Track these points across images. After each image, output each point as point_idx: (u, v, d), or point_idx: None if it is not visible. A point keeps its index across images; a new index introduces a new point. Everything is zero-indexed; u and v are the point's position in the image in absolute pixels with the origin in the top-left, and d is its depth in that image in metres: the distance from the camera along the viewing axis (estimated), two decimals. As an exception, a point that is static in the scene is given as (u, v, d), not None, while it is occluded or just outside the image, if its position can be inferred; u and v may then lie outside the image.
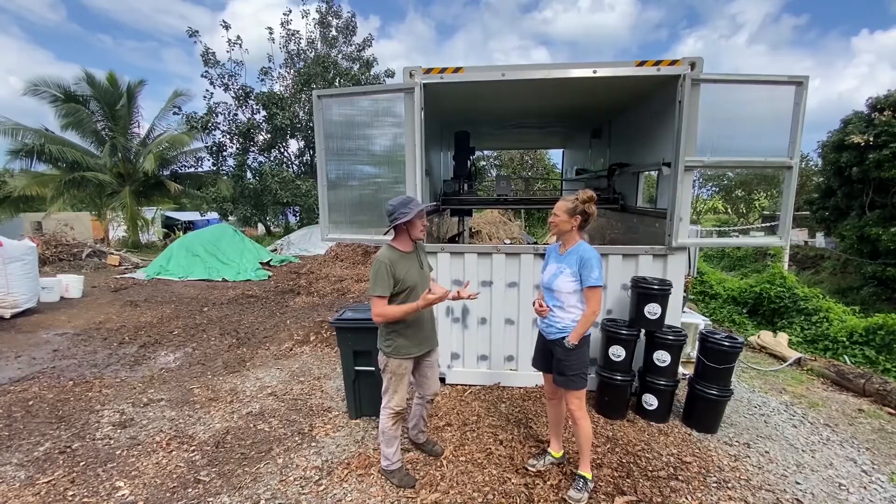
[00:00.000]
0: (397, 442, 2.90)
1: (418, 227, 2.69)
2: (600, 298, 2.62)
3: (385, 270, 2.54)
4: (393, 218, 2.61)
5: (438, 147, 6.52)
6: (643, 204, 5.37)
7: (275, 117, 18.75)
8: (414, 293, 2.63)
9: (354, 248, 12.74)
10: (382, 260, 2.58)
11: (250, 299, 8.76)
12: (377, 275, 2.55)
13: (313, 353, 5.48)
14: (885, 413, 4.16)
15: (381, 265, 2.56)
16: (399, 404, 2.78)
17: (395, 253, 2.65)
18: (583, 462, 2.78)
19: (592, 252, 2.63)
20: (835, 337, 5.73)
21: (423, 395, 3.05)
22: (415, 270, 2.69)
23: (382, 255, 2.62)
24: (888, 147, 12.93)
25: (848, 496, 2.88)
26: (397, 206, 2.61)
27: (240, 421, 3.79)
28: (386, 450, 2.87)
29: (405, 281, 2.61)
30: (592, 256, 2.59)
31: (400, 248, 2.69)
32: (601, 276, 2.57)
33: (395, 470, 2.89)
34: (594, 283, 2.55)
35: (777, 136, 3.85)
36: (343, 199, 4.29)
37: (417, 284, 2.66)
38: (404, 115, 3.90)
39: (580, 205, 2.68)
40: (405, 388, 2.80)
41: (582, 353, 2.69)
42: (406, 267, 2.64)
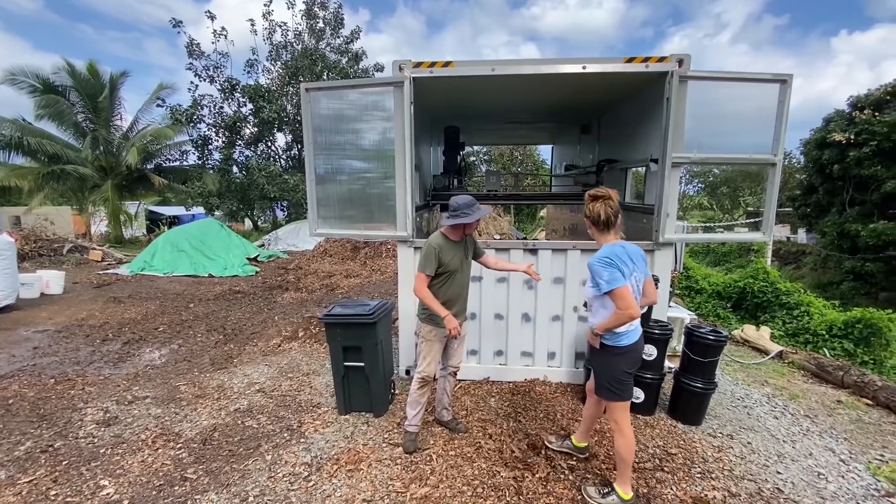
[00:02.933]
0: (420, 408, 3.22)
1: (472, 227, 3.06)
2: (623, 296, 2.33)
3: (433, 254, 2.93)
4: (455, 215, 2.95)
5: (428, 142, 6.49)
6: (631, 200, 5.42)
7: (261, 110, 18.48)
8: (453, 276, 3.05)
9: (343, 244, 12.66)
10: (433, 244, 2.97)
11: (237, 295, 8.66)
12: (427, 256, 2.94)
13: (302, 349, 5.44)
14: (862, 404, 4.28)
15: (431, 249, 2.94)
16: (426, 370, 3.14)
17: (445, 240, 3.03)
18: (619, 477, 2.62)
19: (596, 259, 2.44)
20: (815, 330, 5.87)
21: (447, 364, 3.33)
22: (458, 258, 3.07)
23: (434, 239, 3.02)
24: (868, 145, 13.23)
25: (826, 485, 2.96)
26: (462, 205, 2.95)
27: (227, 418, 3.76)
28: (409, 410, 3.24)
29: (448, 265, 2.98)
30: (593, 263, 2.44)
31: (451, 237, 3.06)
32: (612, 277, 2.35)
33: (409, 432, 3.23)
34: (607, 288, 2.36)
35: (761, 134, 3.91)
36: (332, 194, 4.25)
37: (458, 270, 3.06)
38: (394, 110, 3.88)
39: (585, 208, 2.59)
40: (435, 356, 3.14)
41: (612, 364, 2.53)
42: (451, 254, 3.01)
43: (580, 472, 2.92)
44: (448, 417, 3.50)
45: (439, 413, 3.52)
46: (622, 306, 2.34)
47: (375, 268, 11.12)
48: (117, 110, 19.28)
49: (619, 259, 2.41)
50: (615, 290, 2.34)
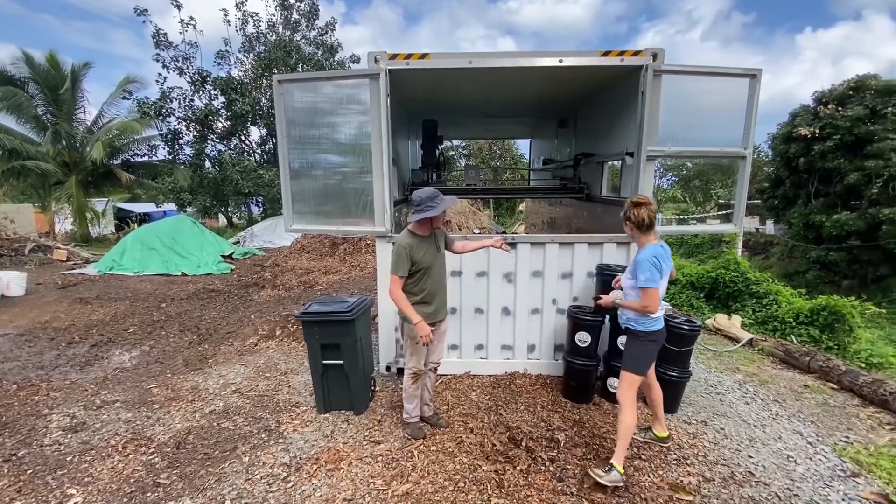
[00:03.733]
0: (417, 400, 3.32)
1: (440, 219, 3.05)
2: (652, 296, 2.72)
3: (405, 254, 2.92)
4: (420, 209, 2.92)
5: (406, 135, 6.42)
6: (608, 193, 5.49)
7: (234, 103, 17.98)
8: (429, 273, 3.04)
9: (321, 240, 12.47)
10: (402, 244, 2.95)
11: (212, 294, 8.43)
12: (398, 257, 2.93)
13: (279, 348, 5.34)
14: (828, 388, 4.46)
15: (402, 249, 2.93)
16: (416, 366, 3.21)
17: (414, 238, 3.01)
18: (617, 453, 2.78)
19: (645, 255, 2.76)
20: (783, 318, 6.08)
21: (427, 361, 3.32)
22: (431, 253, 3.06)
23: (403, 240, 2.99)
24: (832, 139, 13.74)
25: (795, 467, 3.07)
26: (425, 199, 2.91)
27: (202, 420, 3.65)
28: (407, 405, 3.32)
29: (421, 262, 2.98)
30: (643, 259, 2.74)
31: (419, 233, 3.03)
32: (652, 277, 2.70)
33: (412, 423, 3.33)
34: (643, 284, 2.73)
35: (732, 127, 4.01)
36: (307, 189, 4.16)
37: (432, 265, 3.06)
38: (370, 102, 3.81)
39: (625, 212, 2.88)
40: (421, 351, 3.17)
41: (641, 346, 2.87)
42: (423, 250, 3.00)
43: (560, 463, 2.95)
44: (430, 413, 3.51)
45: (420, 409, 3.50)
46: (647, 303, 2.75)
47: (355, 264, 11.01)
48: (80, 103, 18.47)
49: (662, 259, 2.76)
50: (648, 289, 2.72)
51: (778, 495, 2.77)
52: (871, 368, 5.00)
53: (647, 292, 2.72)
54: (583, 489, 2.70)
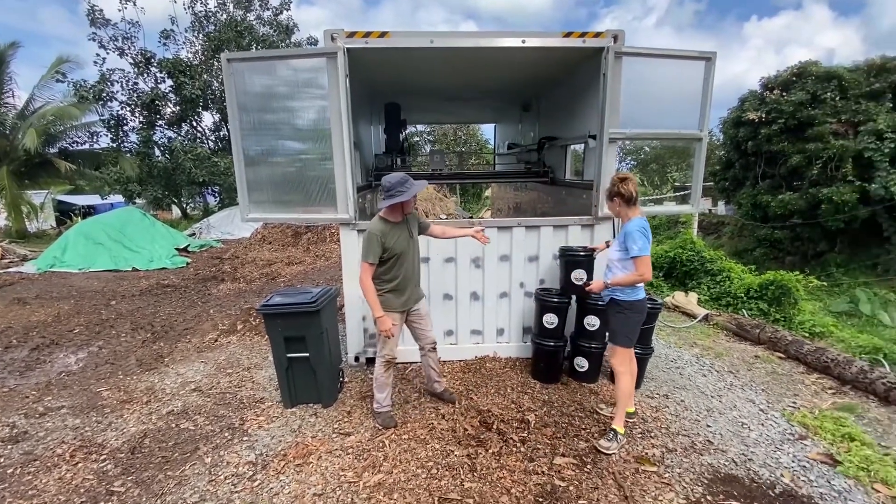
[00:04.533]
0: (388, 389, 3.26)
1: (411, 204, 3.00)
2: (646, 264, 2.85)
3: (375, 240, 2.87)
4: (390, 195, 2.87)
5: (368, 120, 6.24)
6: (571, 177, 5.54)
7: (183, 87, 16.94)
8: (401, 259, 3.01)
9: (283, 230, 12.06)
10: (374, 231, 2.89)
11: (167, 289, 8.01)
12: (369, 244, 2.87)
13: (241, 343, 5.14)
14: (775, 357, 4.74)
15: (372, 236, 2.88)
16: (389, 353, 3.16)
17: (385, 224, 2.95)
18: (616, 417, 3.06)
19: (635, 226, 2.87)
20: (735, 293, 6.40)
21: (422, 345, 3.37)
22: (403, 239, 3.02)
23: (374, 226, 2.93)
24: (777, 123, 14.45)
25: (749, 433, 3.24)
26: (395, 183, 2.87)
27: (159, 422, 3.46)
28: (377, 394, 3.24)
29: (393, 249, 2.94)
30: (633, 230, 2.85)
31: (390, 219, 2.98)
32: (644, 246, 2.82)
33: (383, 413, 3.26)
34: (636, 253, 2.83)
35: (689, 110, 4.11)
36: (265, 176, 3.95)
37: (405, 251, 3.02)
38: (328, 83, 3.63)
39: (613, 188, 2.97)
40: (395, 339, 3.15)
41: (626, 318, 3.02)
42: (395, 236, 2.96)
43: (531, 443, 2.98)
44: (440, 389, 3.57)
45: (431, 387, 3.60)
46: (643, 270, 2.85)
47: (319, 253, 10.73)
48: (8, 86, 16.93)
49: (649, 231, 2.91)
50: (642, 257, 2.83)
51: (734, 461, 2.92)
52: (814, 337, 5.35)
53: (641, 260, 2.83)
54: (553, 467, 2.75)
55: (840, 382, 4.13)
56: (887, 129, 12.25)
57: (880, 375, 3.89)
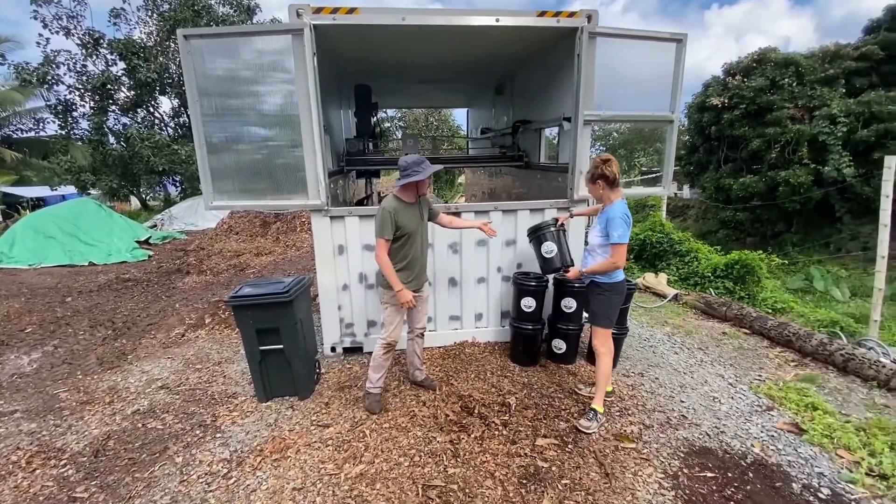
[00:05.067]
0: (384, 371, 3.26)
1: (425, 185, 3.03)
2: (622, 252, 2.88)
3: (389, 217, 2.88)
4: (406, 174, 2.90)
5: (337, 103, 6.03)
6: (546, 160, 5.54)
7: (137, 70, 15.96)
8: (411, 240, 3.03)
9: (251, 219, 11.65)
10: (388, 208, 2.91)
11: (127, 283, 7.61)
12: (383, 220, 2.89)
13: (211, 337, 4.94)
14: (741, 333, 4.92)
15: (386, 212, 2.89)
16: (392, 336, 3.14)
17: (399, 203, 2.98)
18: (596, 397, 3.12)
19: (618, 212, 2.86)
20: (702, 273, 6.61)
21: (412, 327, 3.37)
22: (415, 220, 3.04)
23: (388, 203, 2.96)
24: (738, 108, 14.92)
25: (720, 406, 3.36)
26: (411, 163, 2.91)
27: (124, 422, 3.29)
28: (372, 374, 3.24)
29: (404, 228, 2.96)
30: (616, 216, 2.84)
31: (404, 199, 3.01)
32: (625, 234, 2.84)
33: (374, 393, 3.25)
34: (616, 240, 2.84)
35: (660, 94, 4.14)
36: (230, 164, 3.72)
37: (415, 232, 3.04)
38: (295, 62, 3.45)
39: (595, 170, 2.94)
40: (399, 321, 3.15)
41: (606, 299, 3.06)
42: (407, 216, 2.99)
43: (513, 426, 2.99)
44: (422, 377, 3.57)
45: (412, 374, 3.59)
46: (617, 258, 2.88)
47: (290, 243, 10.43)
48: (-62, 68, 15.53)
49: (630, 217, 2.93)
50: (620, 245, 2.84)
51: (708, 434, 3.01)
52: (776, 313, 5.59)
53: (619, 248, 2.86)
54: (535, 448, 2.76)
55: (801, 355, 4.32)
56: (840, 114, 12.83)
57: (838, 347, 4.09)
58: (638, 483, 2.52)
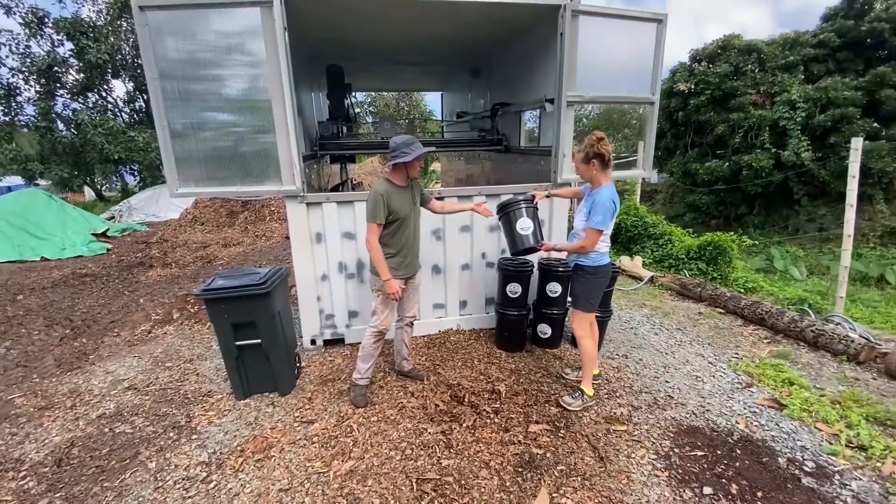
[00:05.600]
0: (373, 361, 3.14)
1: (416, 168, 2.89)
2: (594, 241, 2.82)
3: (381, 201, 2.76)
4: (394, 155, 2.78)
5: (308, 84, 5.75)
6: (526, 144, 5.46)
7: (86, 51, 14.89)
8: (404, 225, 2.92)
9: (216, 209, 11.17)
10: (379, 191, 2.78)
11: (85, 279, 7.15)
12: (375, 204, 2.75)
13: (180, 333, 4.68)
14: (716, 313, 5.05)
15: (378, 196, 2.76)
16: (383, 324, 3.04)
17: (391, 186, 2.85)
18: (584, 379, 3.11)
19: (606, 197, 2.76)
20: (676, 255, 6.76)
21: (402, 315, 3.27)
22: (407, 204, 2.92)
23: (379, 187, 2.82)
24: (704, 94, 15.28)
25: (703, 385, 3.42)
26: (400, 144, 2.77)
27: (89, 427, 3.06)
28: (361, 365, 3.12)
29: (398, 212, 2.84)
30: (604, 201, 2.75)
31: (396, 181, 2.88)
32: (604, 221, 2.77)
33: (361, 385, 3.13)
34: (593, 225, 2.78)
35: (640, 76, 4.12)
36: (196, 149, 3.44)
37: (408, 217, 2.93)
38: (265, 37, 3.22)
39: (591, 149, 2.81)
40: (392, 309, 3.06)
41: (590, 283, 3.00)
42: (400, 200, 2.86)
43: (504, 413, 2.95)
44: (409, 367, 3.47)
45: (399, 364, 3.49)
46: (588, 243, 2.84)
47: (259, 233, 10.06)
48: None
49: (617, 204, 2.85)
50: (595, 230, 2.79)
51: (694, 413, 3.05)
52: (748, 292, 5.78)
53: (593, 233, 2.79)
54: (528, 435, 2.73)
55: (774, 332, 4.47)
56: (799, 100, 13.32)
57: (809, 324, 4.24)
58: (632, 465, 2.52)
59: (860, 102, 12.75)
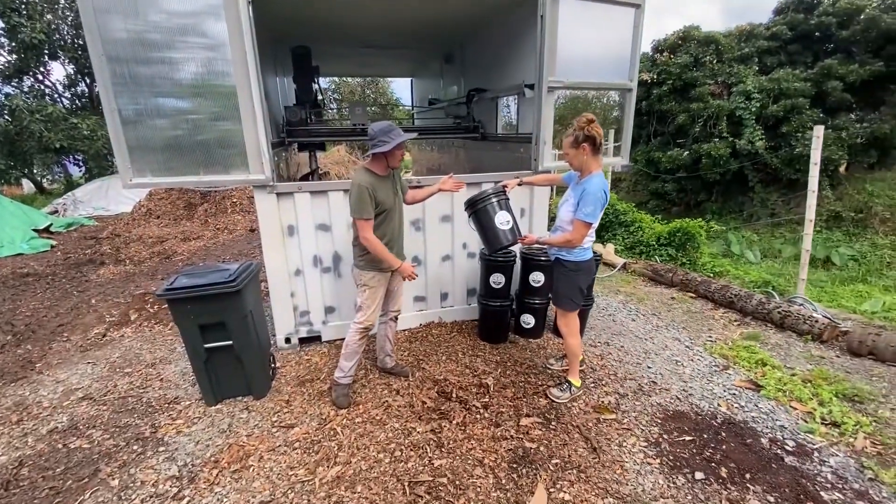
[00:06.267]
0: (357, 358, 2.99)
1: (397, 157, 2.70)
2: (582, 234, 2.66)
3: (367, 194, 2.58)
4: (373, 144, 2.61)
5: (272, 67, 5.42)
6: (503, 131, 5.36)
7: (18, 30, 13.58)
8: (389, 216, 2.78)
9: (173, 201, 10.53)
10: (363, 184, 2.58)
11: (27, 279, 6.55)
12: (360, 198, 2.58)
13: (139, 335, 4.34)
14: (688, 297, 5.17)
15: (363, 189, 2.57)
16: (369, 319, 2.88)
17: (372, 176, 2.68)
18: (570, 371, 3.04)
19: (597, 187, 2.60)
20: (647, 242, 6.91)
21: (387, 310, 3.14)
22: (391, 194, 2.76)
23: (362, 178, 2.63)
24: (666, 84, 15.67)
25: (684, 369, 3.47)
26: (377, 132, 2.59)
27: (39, 444, 2.77)
28: (344, 363, 2.96)
29: (383, 203, 2.68)
30: (594, 192, 2.57)
31: (376, 171, 2.70)
32: (594, 213, 2.59)
33: (344, 385, 2.99)
34: (582, 217, 2.60)
35: (618, 62, 4.09)
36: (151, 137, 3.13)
37: (393, 208, 2.78)
38: (226, 13, 2.94)
39: (580, 132, 2.62)
40: (378, 303, 2.91)
41: (571, 279, 2.85)
42: (384, 190, 2.69)
43: (494, 408, 2.88)
44: (392, 364, 3.34)
45: (382, 361, 3.36)
46: (576, 236, 2.65)
47: (220, 226, 9.57)
48: None
49: (608, 195, 2.68)
50: (584, 222, 2.61)
51: (678, 397, 3.09)
52: (716, 276, 5.96)
53: (580, 224, 2.62)
54: (520, 429, 2.67)
55: (743, 315, 4.62)
56: (754, 90, 13.88)
57: (776, 306, 4.40)
58: (624, 454, 2.51)
59: (809, 93, 13.42)
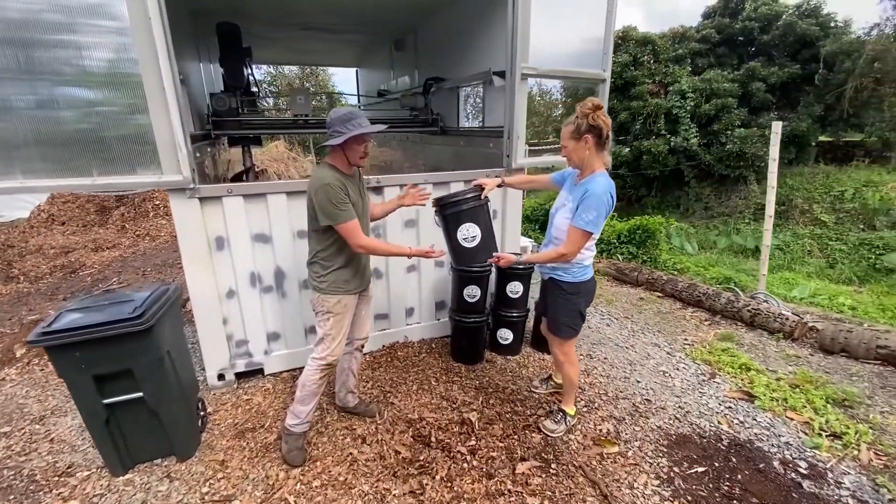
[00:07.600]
0: (315, 401, 2.43)
1: (357, 153, 2.18)
2: (579, 246, 2.20)
3: (340, 191, 2.10)
4: (329, 134, 2.14)
5: (194, 50, 4.60)
6: (465, 124, 4.92)
7: None
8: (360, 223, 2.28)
9: (83, 205, 9.12)
10: (333, 182, 2.10)
11: None
12: (337, 199, 2.09)
13: (26, 378, 3.44)
14: (655, 297, 5.04)
15: (335, 188, 2.09)
16: (333, 353, 2.34)
17: (339, 173, 2.19)
18: (565, 401, 2.70)
19: (603, 187, 2.12)
20: (608, 240, 6.80)
21: (353, 338, 2.60)
22: (359, 198, 2.31)
23: (328, 176, 2.13)
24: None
25: (673, 381, 3.23)
26: (333, 121, 2.11)
27: None
28: (300, 407, 2.39)
29: (356, 205, 2.22)
30: (599, 195, 2.10)
31: (340, 167, 2.22)
32: (598, 221, 2.14)
33: (298, 434, 2.42)
34: (583, 225, 2.13)
35: (590, 53, 3.83)
36: (23, 131, 2.37)
37: (363, 214, 2.34)
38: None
39: (584, 120, 2.14)
40: (344, 333, 2.37)
41: (572, 302, 2.40)
42: (353, 189, 2.22)
43: (483, 452, 2.42)
44: (354, 402, 2.79)
45: (343, 399, 2.79)
46: (571, 249, 2.20)
47: (140, 232, 8.39)
48: None
49: (614, 199, 2.19)
50: (584, 232, 2.15)
51: (676, 417, 2.82)
52: (678, 274, 5.92)
53: (578, 235, 2.15)
54: (517, 479, 2.24)
55: (712, 314, 4.53)
56: (688, 90, 14.52)
57: (745, 304, 4.33)
58: (638, 499, 2.16)
59: (736, 94, 14.26)
